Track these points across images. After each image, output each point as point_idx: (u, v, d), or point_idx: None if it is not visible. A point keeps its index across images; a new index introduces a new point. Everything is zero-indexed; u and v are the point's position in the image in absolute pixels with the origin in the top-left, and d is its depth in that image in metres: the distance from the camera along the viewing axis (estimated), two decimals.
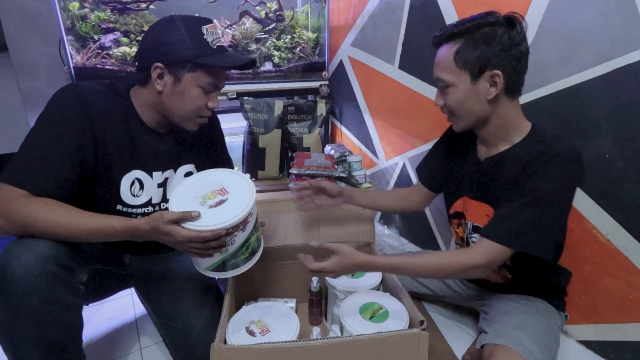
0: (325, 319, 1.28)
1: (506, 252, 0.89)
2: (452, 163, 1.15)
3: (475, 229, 1.08)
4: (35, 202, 0.84)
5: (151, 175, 1.04)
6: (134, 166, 1.00)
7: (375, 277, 1.18)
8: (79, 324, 0.92)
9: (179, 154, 1.09)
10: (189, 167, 1.12)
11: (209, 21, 0.98)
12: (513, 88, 0.92)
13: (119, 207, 1.01)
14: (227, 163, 1.27)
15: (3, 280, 0.80)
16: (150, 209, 1.06)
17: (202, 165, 1.13)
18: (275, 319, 1.04)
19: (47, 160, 0.86)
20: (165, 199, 1.08)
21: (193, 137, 1.11)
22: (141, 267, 1.17)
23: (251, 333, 0.99)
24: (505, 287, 1.12)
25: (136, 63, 0.99)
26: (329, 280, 1.17)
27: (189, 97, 0.96)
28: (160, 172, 1.06)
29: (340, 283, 1.15)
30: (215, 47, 0.96)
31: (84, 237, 0.87)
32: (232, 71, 1.86)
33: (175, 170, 1.09)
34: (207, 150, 1.18)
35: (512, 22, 0.89)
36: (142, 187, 1.03)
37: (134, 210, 1.03)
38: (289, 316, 1.05)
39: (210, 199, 0.91)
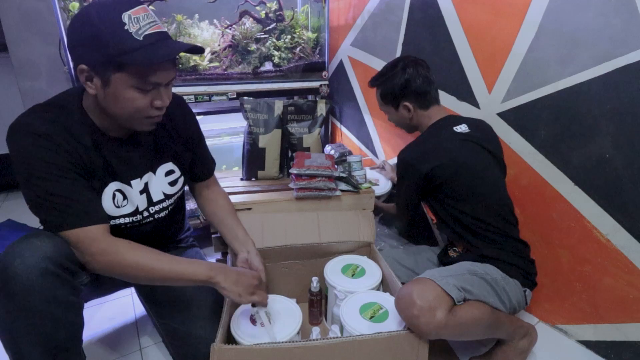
0: (325, 319, 1.28)
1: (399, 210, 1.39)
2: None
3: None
4: (119, 241, 0.88)
5: (130, 185, 1.00)
6: (109, 179, 0.96)
7: (375, 277, 1.18)
8: (79, 324, 0.92)
9: (152, 156, 1.03)
10: (169, 166, 1.07)
11: (135, 4, 0.79)
12: (423, 104, 1.29)
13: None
14: (207, 157, 1.22)
15: (5, 278, 0.80)
16: (139, 217, 1.04)
17: (183, 161, 1.10)
18: (278, 310, 1.04)
19: (73, 196, 0.86)
20: (152, 203, 1.05)
21: (164, 136, 1.05)
22: None
23: (253, 322, 0.99)
24: (459, 259, 1.20)
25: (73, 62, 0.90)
26: (329, 280, 1.17)
27: (124, 100, 0.83)
28: (139, 179, 1.01)
29: (340, 283, 1.15)
30: (141, 39, 0.78)
31: (167, 282, 0.91)
32: (232, 70, 1.86)
33: (154, 172, 1.05)
34: (186, 146, 1.11)
35: (405, 68, 1.27)
36: (125, 197, 0.99)
37: (121, 220, 1.00)
38: (291, 308, 1.06)
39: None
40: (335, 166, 1.58)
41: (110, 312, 1.42)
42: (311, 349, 0.85)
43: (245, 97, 1.81)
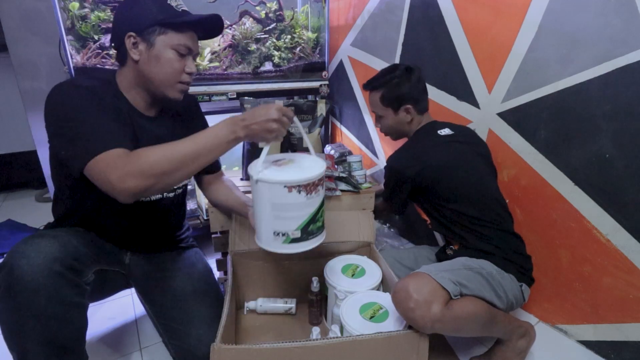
0: (325, 319, 1.28)
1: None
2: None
3: None
4: (139, 152, 0.84)
5: None
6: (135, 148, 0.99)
7: (375, 277, 1.18)
8: (83, 325, 0.92)
9: (170, 138, 1.05)
10: None
11: None
12: (421, 109, 1.33)
13: None
14: None
15: (11, 279, 0.81)
16: (160, 195, 1.10)
17: None
18: (301, 158, 1.04)
19: (102, 125, 0.88)
20: None
21: (180, 122, 1.13)
22: (141, 267, 1.17)
23: (278, 164, 0.99)
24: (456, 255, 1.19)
25: (112, 45, 1.01)
26: (329, 280, 1.17)
27: (165, 60, 0.97)
28: None
29: (340, 283, 1.15)
30: (180, 10, 0.98)
31: (201, 160, 0.87)
32: (232, 70, 1.86)
33: None
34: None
35: (410, 73, 1.29)
36: None
37: (146, 198, 1.07)
38: (315, 159, 1.03)
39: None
40: (335, 166, 1.58)
41: (110, 312, 1.42)
42: (311, 348, 0.85)
43: (245, 97, 1.81)
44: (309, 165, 0.96)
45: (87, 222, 1.07)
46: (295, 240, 0.96)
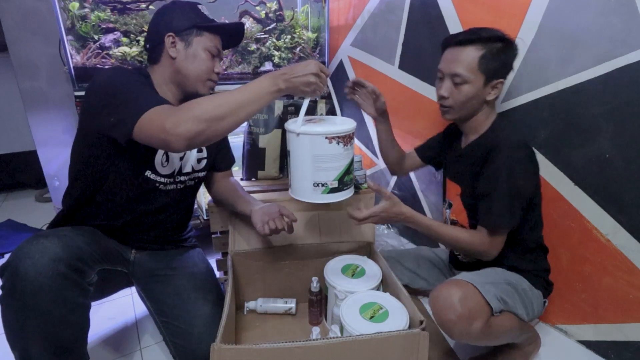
0: (325, 319, 1.28)
1: (497, 233, 1.04)
2: (445, 149, 1.33)
3: (450, 205, 1.26)
4: (190, 102, 0.88)
5: (182, 157, 1.15)
6: None
7: (375, 277, 1.18)
8: (85, 325, 0.93)
9: None
10: (202, 153, 1.23)
11: (200, 4, 1.14)
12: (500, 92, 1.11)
13: (147, 172, 1.10)
14: (229, 151, 1.37)
15: (15, 279, 0.81)
16: (172, 180, 1.16)
17: (211, 148, 1.26)
18: (331, 118, 1.11)
19: (149, 92, 0.96)
20: (181, 173, 1.18)
21: None
22: (145, 265, 1.18)
23: (312, 122, 1.03)
24: (475, 266, 1.16)
25: (147, 45, 1.11)
26: (329, 280, 1.17)
27: (200, 59, 1.08)
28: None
29: (340, 283, 1.15)
30: (211, 18, 1.12)
31: (246, 110, 0.90)
32: (232, 70, 1.87)
33: None
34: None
35: (512, 44, 1.06)
36: (167, 159, 1.12)
37: (160, 179, 1.13)
38: (343, 118, 1.09)
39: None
40: None
41: (110, 312, 1.42)
42: (311, 348, 0.85)
43: None
44: (341, 122, 1.03)
45: (95, 218, 1.10)
46: (333, 190, 1.02)
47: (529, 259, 1.12)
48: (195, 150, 1.21)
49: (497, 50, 1.04)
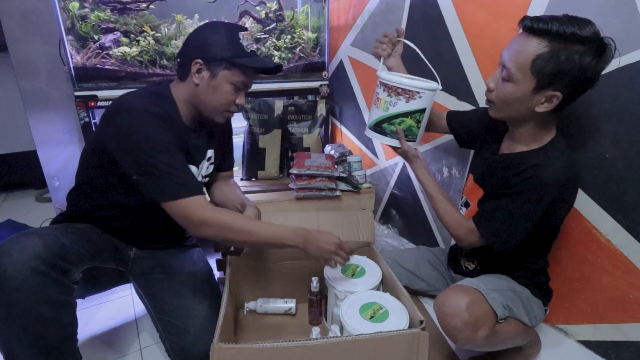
0: (325, 319, 1.28)
1: (478, 237, 1.03)
2: (480, 136, 1.19)
3: (466, 204, 1.21)
4: (222, 211, 1.00)
5: (197, 166, 1.18)
6: (187, 160, 1.09)
7: (375, 277, 1.18)
8: (72, 324, 0.92)
9: (207, 144, 1.22)
10: (210, 152, 1.24)
11: (245, 29, 1.10)
12: (561, 107, 0.91)
13: None
14: (232, 152, 1.40)
15: None
16: None
17: (218, 152, 1.27)
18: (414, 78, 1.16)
19: (185, 169, 1.00)
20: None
21: (212, 135, 1.24)
22: (145, 262, 1.19)
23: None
24: (478, 273, 1.16)
25: (178, 59, 1.11)
26: (329, 280, 1.17)
27: (222, 92, 1.07)
28: (204, 160, 1.21)
29: (340, 283, 1.15)
30: (248, 51, 1.08)
31: (261, 244, 1.05)
32: None
33: (205, 156, 1.22)
34: (222, 141, 1.30)
35: (603, 50, 0.83)
36: None
37: None
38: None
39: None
40: (335, 166, 1.58)
41: (110, 312, 1.42)
42: (311, 348, 0.85)
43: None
44: (410, 78, 1.12)
45: (100, 219, 1.10)
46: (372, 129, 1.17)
47: (530, 276, 1.11)
48: (206, 161, 1.23)
49: (567, 54, 0.82)
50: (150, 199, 0.96)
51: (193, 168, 1.15)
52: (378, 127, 1.14)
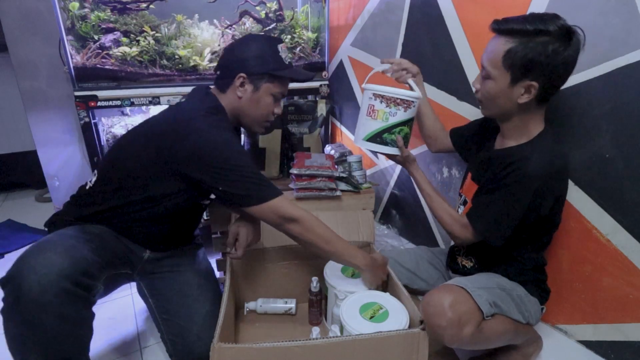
0: (325, 319, 1.28)
1: (472, 232, 1.04)
2: (475, 143, 1.25)
3: (465, 202, 1.20)
4: (305, 212, 1.04)
5: None
6: None
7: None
8: (88, 336, 0.93)
9: None
10: None
11: (281, 41, 1.16)
12: (544, 97, 0.97)
13: (203, 200, 1.20)
14: None
15: (19, 294, 0.80)
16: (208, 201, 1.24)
17: None
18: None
19: (262, 174, 1.04)
20: None
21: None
22: (154, 262, 1.19)
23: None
24: (475, 271, 1.17)
25: (218, 72, 1.16)
26: (329, 280, 1.17)
27: (264, 104, 1.13)
28: None
29: (340, 283, 1.15)
30: (287, 63, 1.14)
31: (334, 256, 1.09)
32: None
33: None
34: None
35: (569, 37, 0.89)
36: None
37: (207, 201, 1.23)
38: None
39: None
40: (335, 166, 1.58)
41: (110, 312, 1.42)
42: (310, 348, 0.85)
43: None
44: (405, 91, 1.12)
45: (119, 225, 1.08)
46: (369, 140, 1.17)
47: (527, 274, 1.11)
48: None
49: (530, 46, 0.89)
50: (240, 205, 1.01)
51: None
52: (377, 138, 1.15)
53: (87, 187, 1.11)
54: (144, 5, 1.67)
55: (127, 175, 1.05)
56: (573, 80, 1.12)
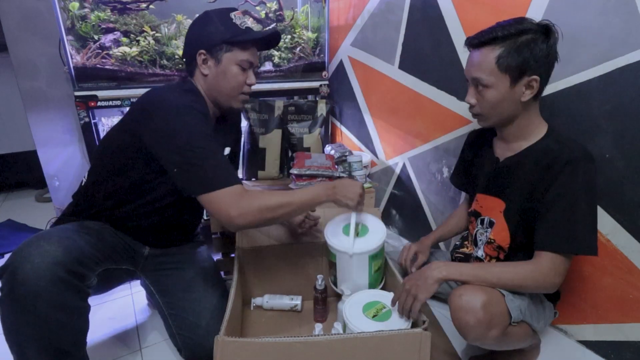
0: (336, 287, 1.27)
1: (567, 259, 0.94)
2: (474, 163, 1.23)
3: (491, 224, 1.11)
4: (256, 194, 0.98)
5: None
6: None
7: (380, 232, 1.15)
8: (84, 328, 0.93)
9: (224, 141, 1.25)
10: (227, 150, 1.28)
11: (235, 9, 1.13)
12: (541, 91, 0.98)
13: None
14: (238, 156, 1.46)
15: (14, 283, 0.81)
16: None
17: (230, 151, 1.31)
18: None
19: (221, 160, 0.99)
20: None
21: (227, 126, 1.28)
22: (157, 259, 1.20)
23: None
24: None
25: (184, 59, 1.15)
26: (333, 245, 1.13)
27: (230, 75, 1.09)
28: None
29: (343, 244, 1.11)
30: (244, 28, 1.10)
31: (299, 211, 1.03)
32: None
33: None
34: (235, 142, 1.36)
35: (549, 31, 0.93)
36: None
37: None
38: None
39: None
40: (336, 166, 1.58)
41: (110, 312, 1.42)
42: (312, 344, 0.85)
43: None
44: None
45: (116, 220, 1.09)
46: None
47: None
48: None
49: (518, 45, 0.92)
50: (188, 194, 0.96)
51: None
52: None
53: (82, 184, 1.14)
54: (144, 5, 1.67)
55: (111, 164, 1.07)
56: (573, 80, 1.12)
